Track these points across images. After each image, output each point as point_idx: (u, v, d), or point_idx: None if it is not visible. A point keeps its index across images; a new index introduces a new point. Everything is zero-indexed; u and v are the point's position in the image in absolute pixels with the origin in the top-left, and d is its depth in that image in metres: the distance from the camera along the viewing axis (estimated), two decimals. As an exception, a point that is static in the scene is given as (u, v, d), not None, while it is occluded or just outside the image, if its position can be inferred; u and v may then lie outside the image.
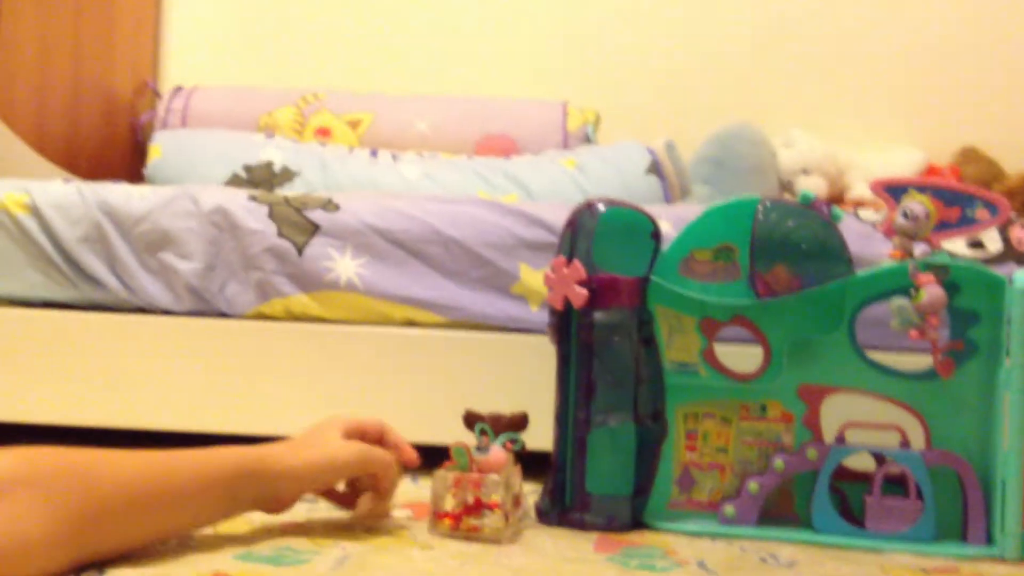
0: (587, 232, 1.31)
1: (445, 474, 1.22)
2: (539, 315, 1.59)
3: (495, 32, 2.63)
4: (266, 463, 1.10)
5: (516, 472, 1.26)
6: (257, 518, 1.19)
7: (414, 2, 2.65)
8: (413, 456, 1.26)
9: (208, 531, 1.13)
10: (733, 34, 2.60)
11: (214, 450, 1.08)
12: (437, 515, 1.22)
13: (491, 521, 1.20)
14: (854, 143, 2.52)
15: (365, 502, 1.23)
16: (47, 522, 0.86)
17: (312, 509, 1.29)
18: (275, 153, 2.18)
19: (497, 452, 1.22)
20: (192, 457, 1.04)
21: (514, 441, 1.25)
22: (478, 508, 1.20)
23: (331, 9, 2.66)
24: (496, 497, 1.20)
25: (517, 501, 1.27)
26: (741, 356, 1.34)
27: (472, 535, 1.20)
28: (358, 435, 1.22)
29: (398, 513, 1.31)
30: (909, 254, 1.28)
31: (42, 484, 0.87)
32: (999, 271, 1.32)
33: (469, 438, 1.25)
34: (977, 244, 1.59)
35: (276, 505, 1.14)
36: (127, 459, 0.98)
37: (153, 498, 0.98)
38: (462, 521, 1.21)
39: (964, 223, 1.29)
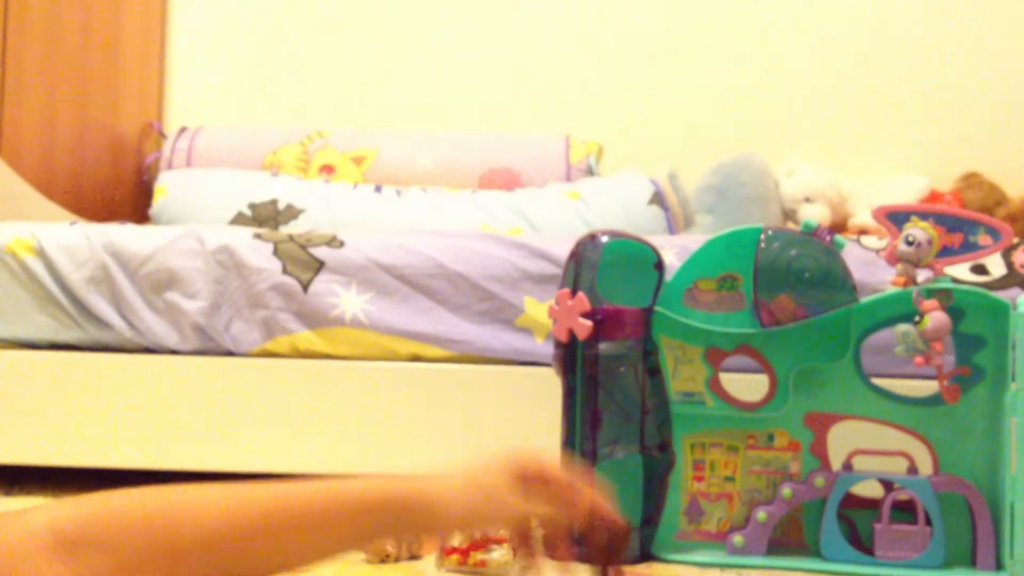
0: (591, 263, 1.31)
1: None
2: (544, 347, 1.59)
3: (497, 67, 2.65)
4: (417, 500, 0.96)
5: None
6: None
7: (415, 40, 2.66)
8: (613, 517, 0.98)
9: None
10: (734, 65, 2.61)
11: (344, 484, 0.95)
12: (445, 551, 1.22)
13: (498, 556, 1.20)
14: (856, 171, 2.52)
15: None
16: None
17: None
18: (280, 191, 2.19)
19: None
20: (302, 493, 0.94)
21: None
22: (485, 543, 1.20)
23: (333, 48, 2.67)
24: (503, 532, 1.20)
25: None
26: (747, 385, 1.34)
27: (479, 570, 1.20)
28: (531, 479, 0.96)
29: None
30: (912, 281, 1.28)
31: (113, 544, 0.84)
32: (1003, 296, 1.32)
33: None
34: (980, 269, 1.59)
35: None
36: (210, 499, 0.91)
37: (236, 542, 0.90)
38: (469, 556, 1.20)
39: (967, 249, 1.29)
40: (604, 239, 1.32)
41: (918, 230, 1.28)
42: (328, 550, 0.90)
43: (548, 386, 1.39)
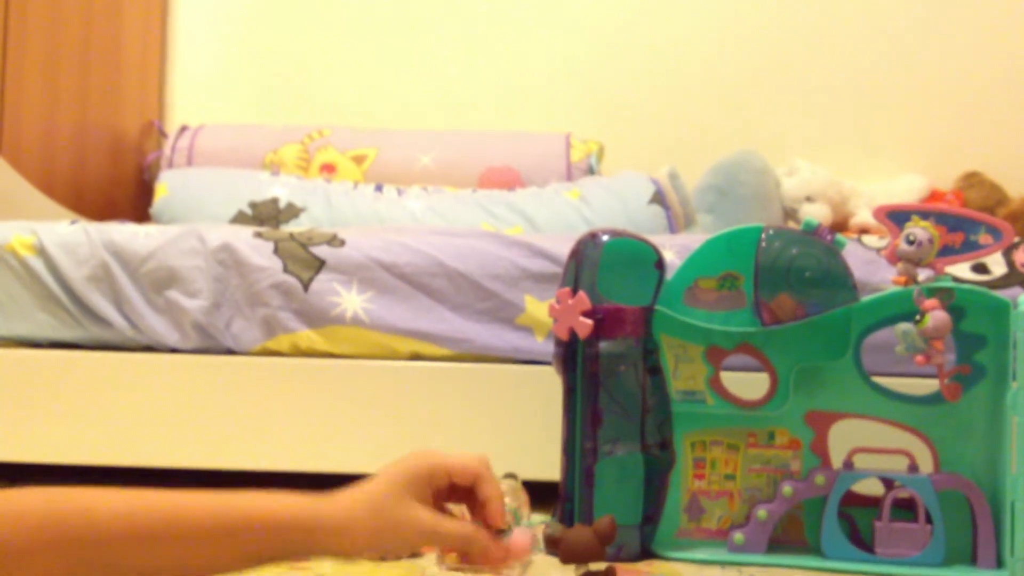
0: (591, 262, 1.32)
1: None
2: (545, 346, 1.59)
3: (498, 66, 2.65)
4: (312, 529, 0.90)
5: (524, 503, 1.26)
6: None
7: (416, 39, 2.66)
8: (499, 519, 0.97)
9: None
10: (735, 64, 2.61)
11: (240, 500, 0.91)
12: (445, 548, 1.22)
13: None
14: (857, 170, 2.52)
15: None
16: None
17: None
18: (280, 190, 2.19)
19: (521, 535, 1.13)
20: (204, 504, 0.91)
21: None
22: None
23: (333, 48, 2.68)
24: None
25: None
26: (748, 384, 1.35)
27: (479, 568, 1.20)
28: (444, 487, 0.98)
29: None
30: (913, 280, 1.28)
31: (64, 551, 0.84)
32: (1004, 295, 1.32)
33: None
34: (981, 268, 1.59)
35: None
36: (118, 503, 0.92)
37: (141, 546, 0.90)
38: None
39: (968, 248, 1.29)
40: (605, 238, 1.32)
41: (919, 229, 1.28)
42: (225, 565, 0.89)
43: (548, 384, 1.39)
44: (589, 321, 1.28)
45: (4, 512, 0.84)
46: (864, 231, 2.33)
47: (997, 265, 1.60)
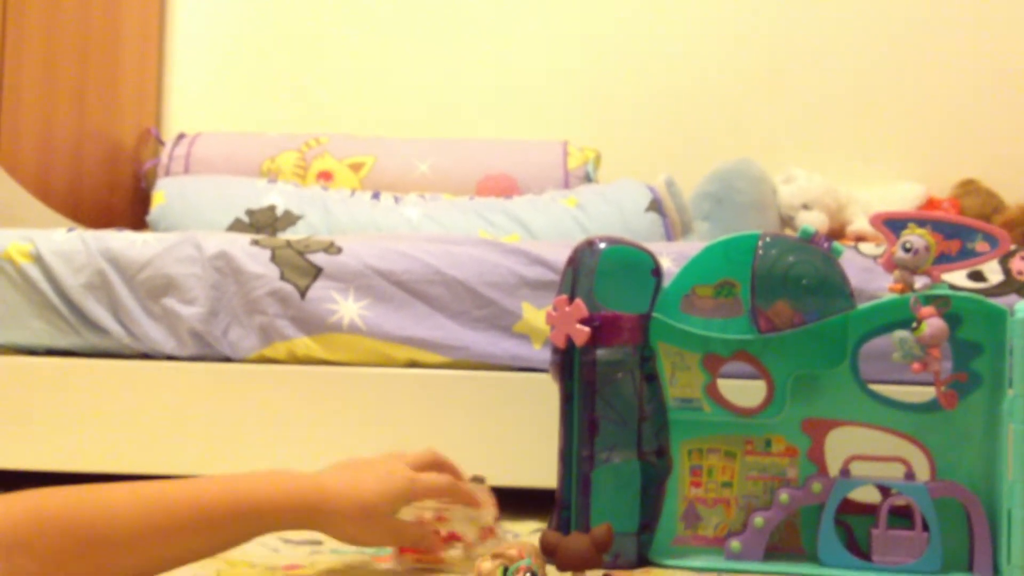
0: (588, 270, 1.32)
1: (406, 510, 1.24)
2: (542, 353, 1.60)
3: (495, 73, 2.65)
4: (308, 502, 1.08)
5: (492, 504, 1.27)
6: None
7: (413, 47, 2.67)
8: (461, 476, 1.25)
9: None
10: (732, 71, 2.61)
11: (238, 481, 1.04)
12: (401, 549, 1.23)
13: (455, 553, 1.23)
14: (854, 178, 2.53)
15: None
16: None
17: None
18: (277, 197, 2.19)
19: None
20: (206, 490, 1.00)
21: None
22: (448, 540, 1.23)
23: (331, 56, 2.68)
24: (460, 528, 1.22)
25: (489, 533, 1.28)
26: (744, 391, 1.34)
27: (435, 566, 1.22)
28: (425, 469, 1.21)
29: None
30: (910, 287, 1.28)
31: (43, 551, 0.85)
32: (1000, 302, 1.32)
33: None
34: (978, 276, 1.60)
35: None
36: (128, 497, 0.95)
37: (153, 536, 0.94)
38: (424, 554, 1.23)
39: (964, 255, 1.29)
40: (602, 246, 1.32)
41: (916, 237, 1.28)
42: (230, 544, 1.01)
43: (545, 392, 1.39)
44: (586, 328, 1.28)
45: (26, 517, 0.85)
46: (861, 238, 2.34)
47: (993, 273, 1.60)
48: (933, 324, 1.25)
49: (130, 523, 0.92)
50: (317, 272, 1.63)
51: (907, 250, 1.28)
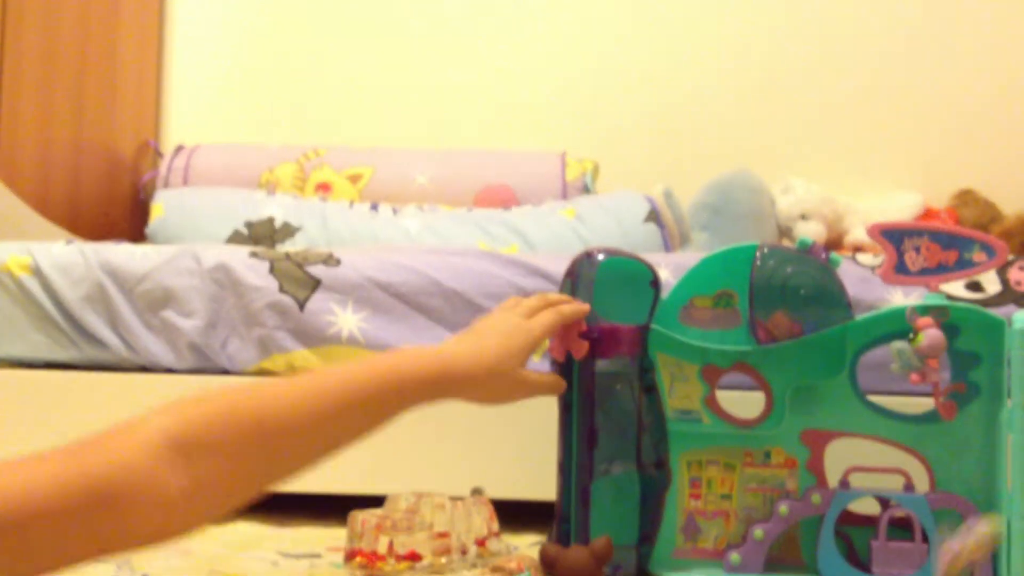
0: (587, 281, 1.32)
1: (357, 514, 1.26)
2: (541, 365, 1.59)
3: (493, 85, 2.66)
4: (444, 371, 1.12)
5: (491, 517, 1.29)
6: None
7: (412, 59, 2.67)
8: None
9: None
10: (730, 82, 2.62)
11: (386, 363, 1.07)
12: (349, 552, 1.25)
13: (400, 566, 1.25)
14: (851, 188, 2.53)
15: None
16: (230, 486, 0.85)
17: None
18: (276, 209, 2.19)
19: None
20: (362, 374, 1.03)
21: None
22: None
23: (329, 67, 2.68)
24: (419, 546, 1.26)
25: (480, 542, 1.30)
26: (744, 402, 1.34)
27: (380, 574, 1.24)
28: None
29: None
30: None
31: (220, 445, 0.84)
32: (998, 312, 1.32)
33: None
34: (975, 286, 1.60)
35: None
36: (294, 389, 0.96)
37: (317, 427, 0.96)
38: (376, 564, 1.25)
39: (962, 266, 1.29)
40: (600, 257, 1.33)
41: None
42: (377, 424, 1.04)
43: (544, 403, 1.39)
44: (585, 343, 1.28)
45: (219, 419, 0.87)
46: (859, 249, 2.34)
47: (991, 283, 1.60)
48: (930, 335, 1.25)
49: (297, 412, 0.93)
50: (316, 284, 1.63)
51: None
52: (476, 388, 1.15)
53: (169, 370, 1.63)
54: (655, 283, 1.33)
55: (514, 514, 1.47)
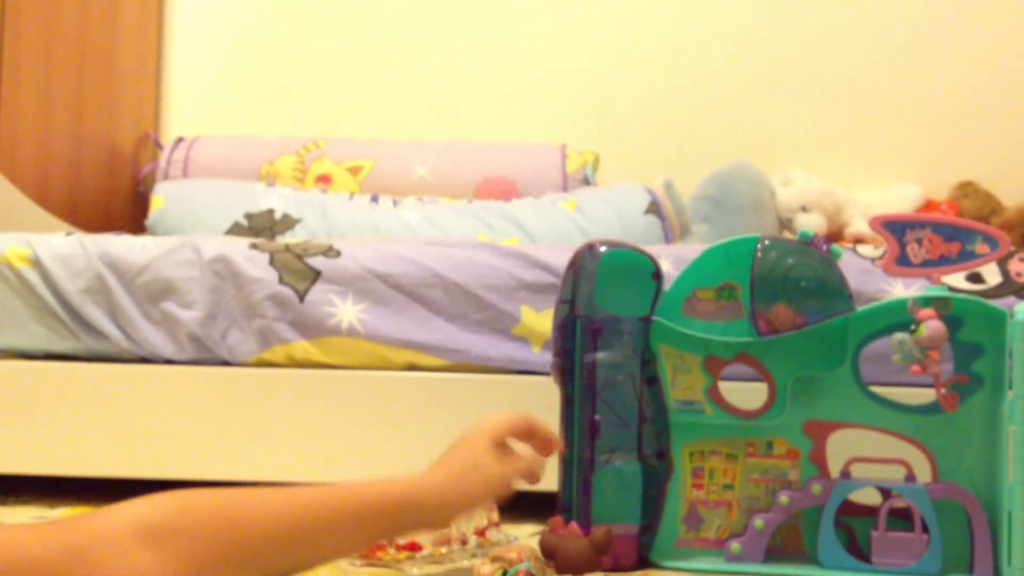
0: (589, 274, 1.32)
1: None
2: (541, 356, 1.59)
3: (493, 76, 2.65)
4: (417, 502, 1.10)
5: (492, 507, 1.29)
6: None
7: (412, 50, 2.67)
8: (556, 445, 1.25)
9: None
10: (730, 74, 2.61)
11: (364, 487, 1.08)
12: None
13: (400, 554, 1.26)
14: (852, 180, 2.53)
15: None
16: (190, 571, 0.88)
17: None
18: (276, 201, 2.19)
19: None
20: (337, 496, 1.04)
21: None
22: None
23: (329, 59, 2.68)
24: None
25: (480, 532, 1.30)
26: (746, 393, 1.35)
27: (378, 565, 1.24)
28: (504, 439, 1.21)
29: None
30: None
31: (192, 534, 0.88)
32: (999, 304, 1.32)
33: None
34: (976, 278, 1.60)
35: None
36: (270, 500, 0.98)
37: (292, 537, 0.98)
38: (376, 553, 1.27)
39: (964, 258, 1.29)
40: (602, 249, 1.33)
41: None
42: (352, 549, 1.07)
43: (545, 395, 1.39)
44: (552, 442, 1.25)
45: (175, 508, 0.90)
46: (859, 241, 2.34)
47: (992, 275, 1.60)
48: (932, 326, 1.25)
49: (272, 522, 0.96)
50: (316, 275, 1.62)
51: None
52: (448, 520, 1.16)
53: (169, 361, 1.63)
54: (657, 275, 1.33)
55: (514, 504, 1.47)
